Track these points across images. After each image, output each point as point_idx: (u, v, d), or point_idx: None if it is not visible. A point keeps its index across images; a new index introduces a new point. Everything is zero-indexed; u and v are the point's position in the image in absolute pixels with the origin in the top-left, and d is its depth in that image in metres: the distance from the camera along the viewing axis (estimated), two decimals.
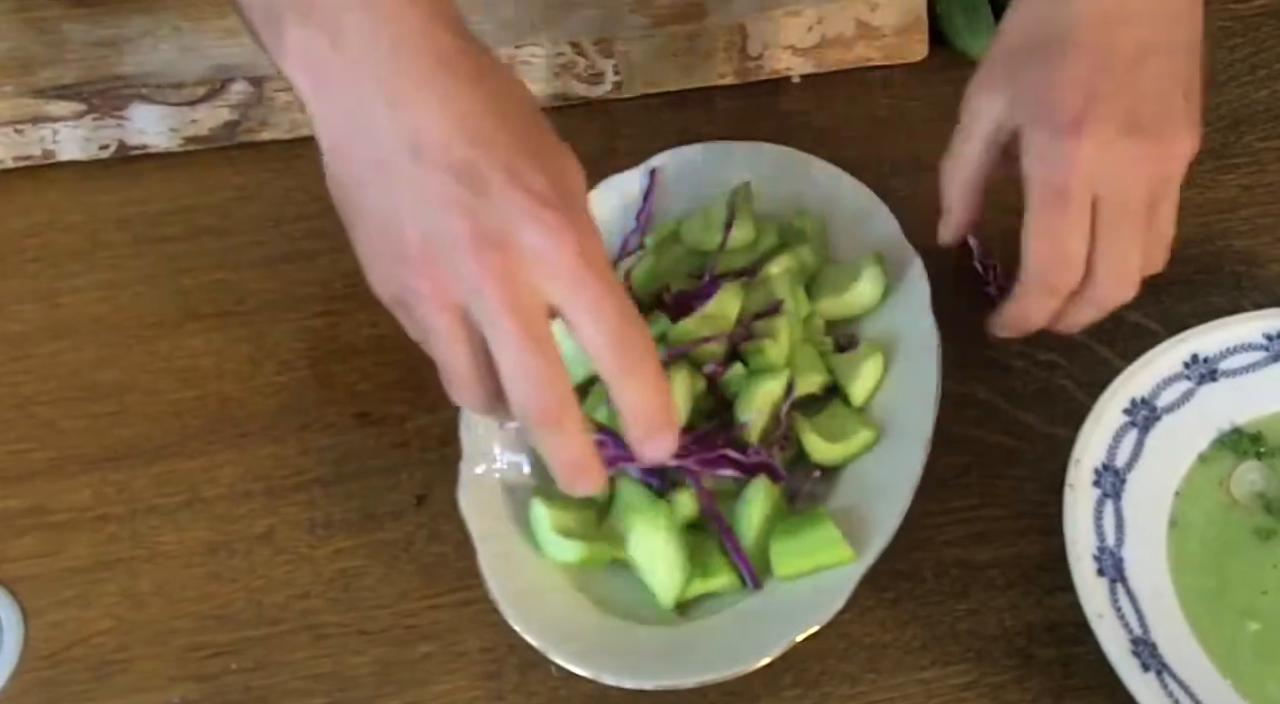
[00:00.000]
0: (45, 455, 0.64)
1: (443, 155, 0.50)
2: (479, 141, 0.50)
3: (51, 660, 0.58)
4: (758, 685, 0.58)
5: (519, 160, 0.50)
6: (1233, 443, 0.62)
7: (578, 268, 0.50)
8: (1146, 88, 0.56)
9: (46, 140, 0.72)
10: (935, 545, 0.62)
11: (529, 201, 0.50)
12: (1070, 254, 0.56)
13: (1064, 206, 0.55)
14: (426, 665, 0.58)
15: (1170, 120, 0.56)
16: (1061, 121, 0.55)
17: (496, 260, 0.49)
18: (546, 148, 0.52)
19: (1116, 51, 0.56)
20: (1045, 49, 0.57)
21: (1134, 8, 0.56)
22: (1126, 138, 0.55)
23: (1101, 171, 0.55)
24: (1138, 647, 0.55)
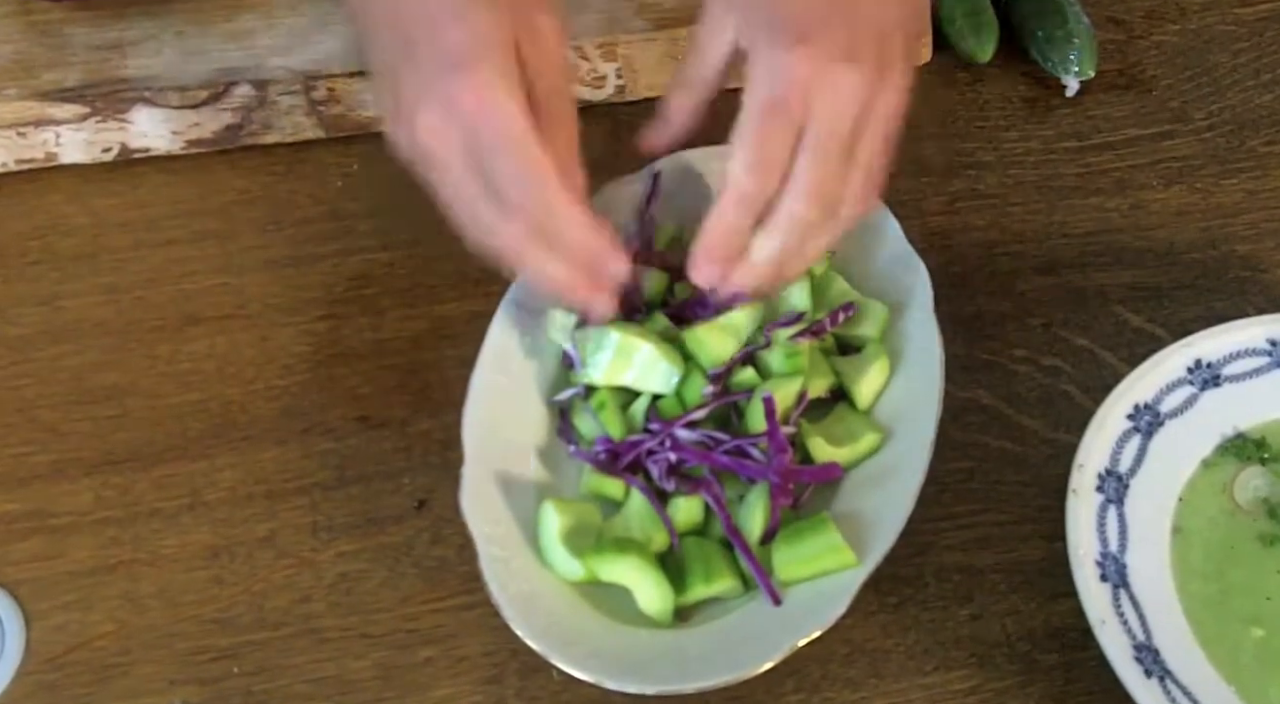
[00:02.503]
0: (46, 459, 0.64)
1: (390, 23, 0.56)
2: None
3: (53, 664, 0.58)
4: (760, 691, 0.57)
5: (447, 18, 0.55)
6: (1236, 448, 0.61)
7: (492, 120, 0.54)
8: (869, 22, 0.57)
9: (49, 143, 0.72)
10: (938, 550, 0.61)
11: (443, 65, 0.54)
12: (769, 161, 0.56)
13: (775, 117, 0.55)
14: (428, 670, 0.58)
15: (888, 57, 0.57)
16: (786, 40, 0.56)
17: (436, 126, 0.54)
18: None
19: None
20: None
21: None
22: (844, 63, 0.56)
23: (817, 92, 0.55)
24: (1140, 652, 0.55)
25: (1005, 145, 0.76)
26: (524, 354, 0.63)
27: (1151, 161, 0.75)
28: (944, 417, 0.61)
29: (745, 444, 0.59)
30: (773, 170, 0.56)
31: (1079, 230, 0.72)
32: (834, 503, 0.60)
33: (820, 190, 0.57)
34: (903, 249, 0.65)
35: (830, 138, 0.56)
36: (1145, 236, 0.72)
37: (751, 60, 0.57)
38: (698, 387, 0.60)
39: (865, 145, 0.57)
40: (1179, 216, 0.73)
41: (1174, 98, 0.78)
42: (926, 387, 0.61)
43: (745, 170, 0.56)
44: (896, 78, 0.57)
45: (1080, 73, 0.76)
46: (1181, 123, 0.77)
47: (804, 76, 0.55)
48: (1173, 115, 0.77)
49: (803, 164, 0.56)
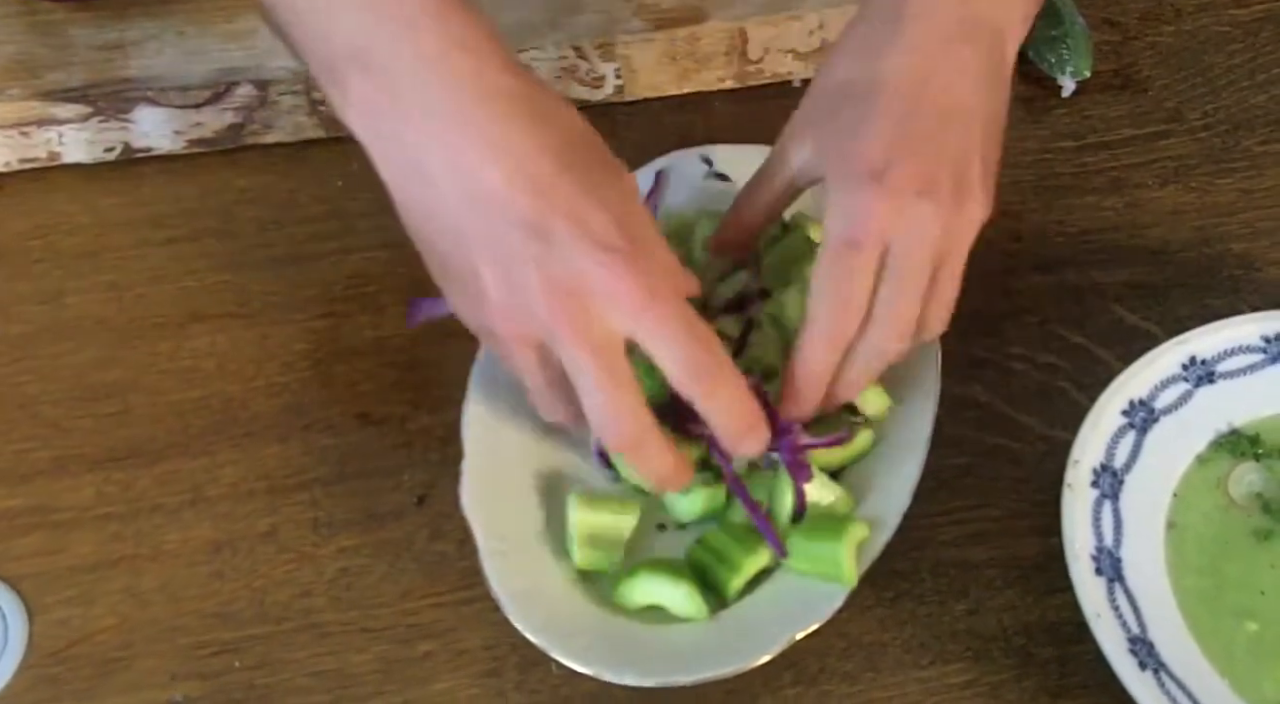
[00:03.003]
0: (49, 455, 0.64)
1: (507, 208, 0.52)
2: (540, 190, 0.52)
3: (55, 658, 0.58)
4: (757, 684, 0.58)
5: (579, 203, 0.52)
6: (1230, 444, 0.62)
7: (646, 303, 0.52)
8: (945, 152, 0.56)
9: (52, 142, 0.72)
10: (934, 545, 0.62)
11: (592, 246, 0.52)
12: (853, 300, 0.55)
13: (854, 256, 0.55)
14: (428, 663, 0.59)
15: (965, 186, 0.56)
16: (861, 175, 0.55)
17: (569, 304, 0.52)
18: (604, 179, 0.54)
19: (919, 113, 0.56)
20: (852, 104, 0.57)
21: (940, 72, 0.57)
22: (922, 198, 0.55)
23: (894, 228, 0.55)
24: (1135, 645, 0.55)
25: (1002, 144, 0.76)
26: None
27: (1147, 161, 0.76)
28: (941, 413, 0.61)
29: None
30: (854, 308, 0.56)
31: (1075, 229, 0.73)
32: None
33: (902, 322, 0.56)
34: None
35: (909, 273, 0.56)
36: (1141, 235, 0.73)
37: (828, 194, 0.57)
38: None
39: (945, 275, 0.57)
40: (1174, 215, 0.73)
41: (1169, 98, 0.78)
42: (924, 384, 0.61)
43: (828, 311, 0.56)
44: (974, 208, 0.57)
45: (1076, 73, 0.77)
46: (1177, 123, 0.77)
47: (881, 214, 0.55)
48: (1168, 115, 0.77)
49: (884, 297, 0.56)
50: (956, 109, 0.57)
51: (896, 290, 0.55)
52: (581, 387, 0.53)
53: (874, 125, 0.56)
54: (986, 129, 0.58)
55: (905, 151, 0.55)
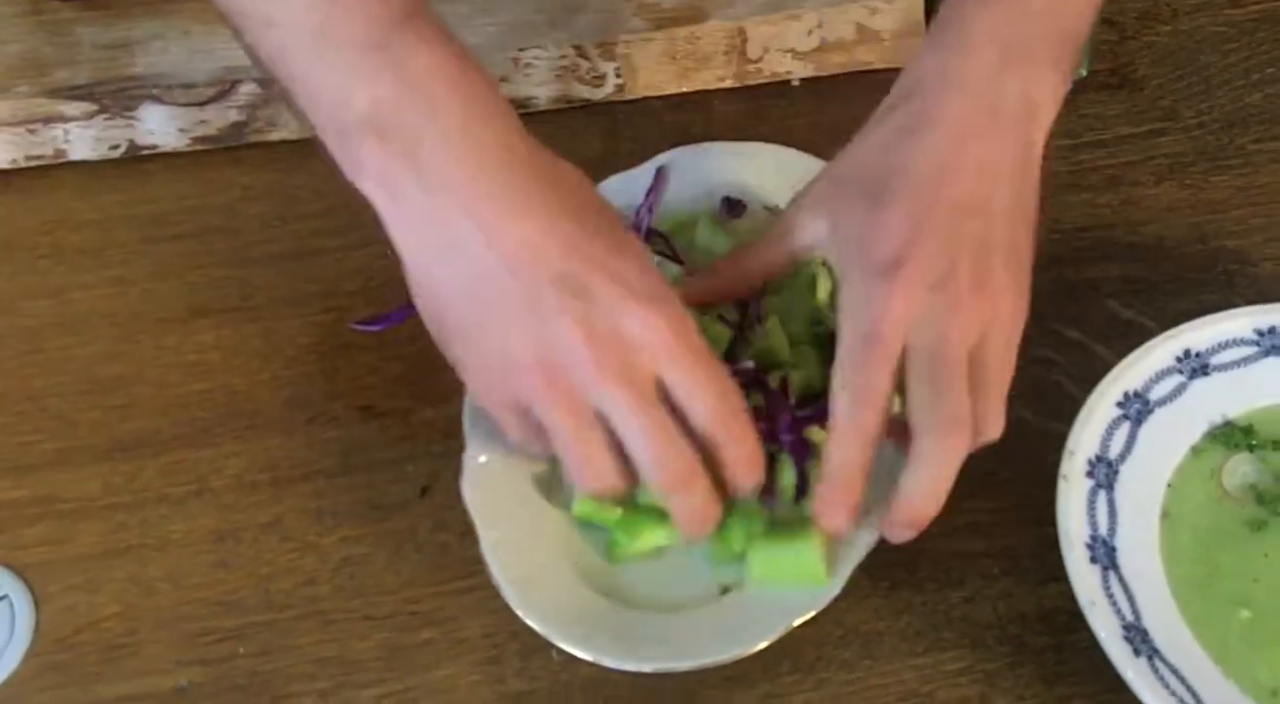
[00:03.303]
0: (55, 446, 0.65)
1: (543, 269, 0.53)
2: (573, 250, 0.53)
3: (62, 644, 0.59)
4: (756, 671, 0.58)
5: (610, 259, 0.53)
6: (1224, 436, 0.62)
7: (679, 351, 0.53)
8: (962, 245, 0.55)
9: (58, 140, 0.73)
10: (931, 536, 0.62)
11: (628, 296, 0.53)
12: (873, 391, 0.54)
13: (871, 349, 0.54)
14: (430, 651, 0.59)
15: (985, 279, 0.55)
16: (876, 268, 0.55)
17: (614, 360, 0.52)
18: (620, 235, 0.55)
19: (939, 207, 0.56)
20: (873, 191, 0.57)
21: (964, 167, 0.56)
22: (936, 293, 0.55)
23: (910, 321, 0.55)
24: (1129, 632, 0.55)
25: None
26: None
27: (1143, 158, 0.76)
28: None
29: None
30: (875, 400, 0.55)
31: (1071, 225, 0.74)
32: None
33: (951, 420, 0.55)
34: None
35: (934, 369, 0.55)
36: (1136, 231, 0.73)
37: (843, 285, 0.57)
38: None
39: (985, 371, 0.56)
40: (1169, 212, 0.74)
41: (1165, 97, 0.79)
42: None
43: (849, 404, 0.55)
44: (997, 300, 0.56)
45: (1073, 72, 0.78)
46: (1172, 121, 0.78)
47: (894, 307, 0.54)
48: (1164, 113, 0.78)
49: (919, 394, 0.55)
50: (976, 203, 0.56)
51: (935, 389, 0.54)
52: (632, 436, 0.53)
53: (892, 218, 0.55)
54: (1010, 220, 0.57)
55: (921, 245, 0.55)
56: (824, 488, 0.56)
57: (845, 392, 0.55)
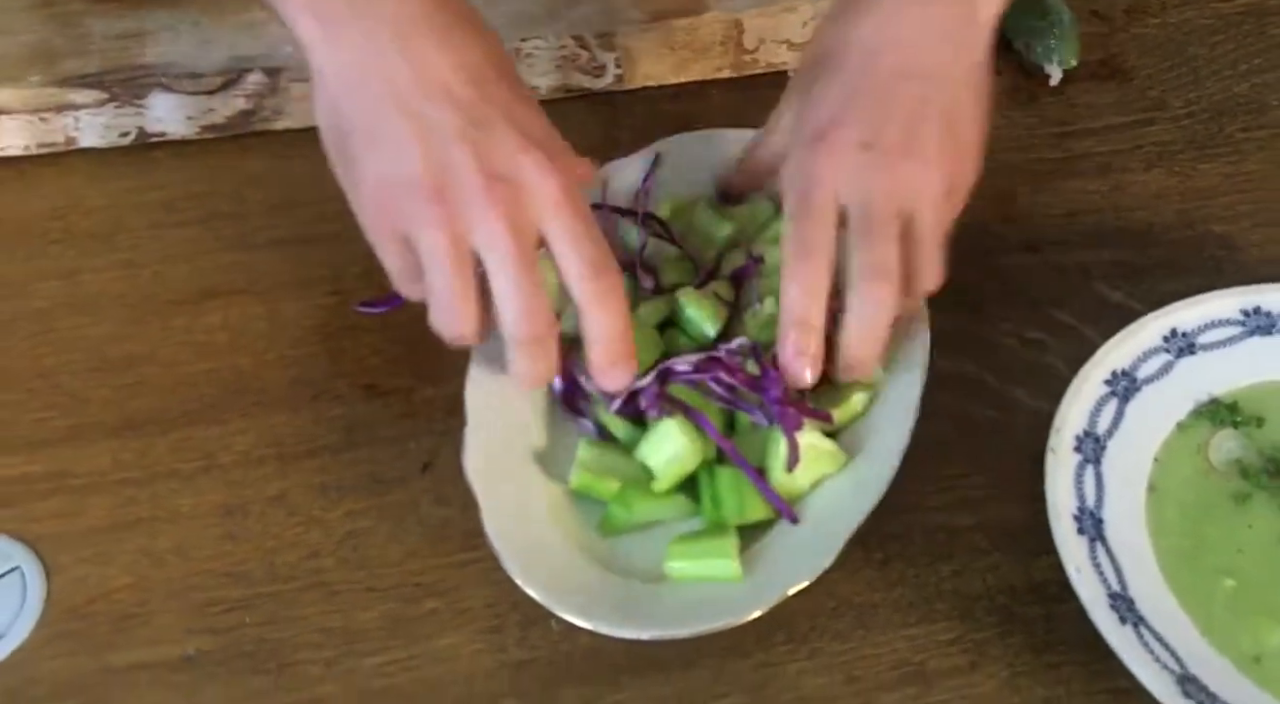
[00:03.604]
0: (67, 423, 0.66)
1: (452, 94, 0.56)
2: (482, 84, 0.56)
3: (74, 613, 0.60)
4: (750, 641, 0.60)
5: (514, 104, 0.57)
6: (1210, 412, 0.64)
7: (565, 202, 0.56)
8: (894, 109, 0.59)
9: (69, 127, 0.75)
10: (923, 510, 0.64)
11: (526, 141, 0.56)
12: (814, 244, 0.58)
13: (807, 204, 0.58)
14: (432, 620, 0.60)
15: (917, 142, 0.59)
16: (810, 136, 0.59)
17: (502, 190, 0.55)
18: (523, 88, 0.59)
19: (871, 75, 0.60)
20: (818, 69, 0.61)
21: (902, 37, 0.60)
22: (863, 153, 0.58)
23: (841, 182, 0.58)
24: (1115, 601, 0.57)
25: (991, 131, 0.78)
26: None
27: (1132, 147, 0.78)
28: (931, 385, 0.63)
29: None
30: (816, 255, 0.58)
31: (1061, 211, 0.75)
32: None
33: (875, 268, 0.58)
34: None
35: (867, 225, 0.58)
36: (1125, 217, 0.75)
37: (788, 156, 0.61)
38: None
39: (919, 228, 0.59)
40: (1158, 199, 0.76)
41: (1154, 87, 0.81)
42: (913, 355, 0.63)
43: (794, 257, 0.59)
44: (931, 163, 0.59)
45: (1063, 62, 0.79)
46: (1161, 111, 0.80)
47: (821, 168, 0.59)
48: (1152, 103, 0.80)
49: (852, 245, 0.59)
50: (913, 69, 0.60)
51: (863, 242, 0.58)
52: (499, 269, 0.56)
53: (827, 90, 0.60)
54: (950, 88, 0.60)
55: (855, 108, 0.59)
56: (783, 338, 0.59)
57: (788, 248, 0.59)
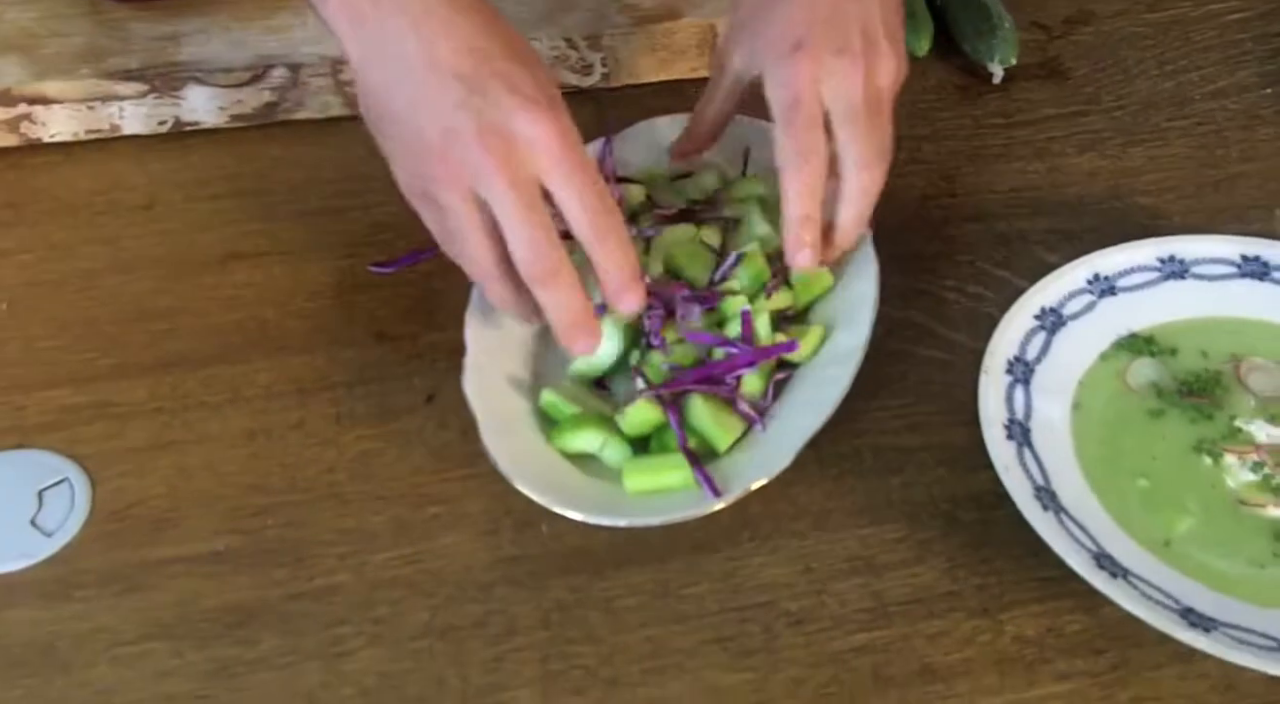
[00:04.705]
0: (109, 362, 0.74)
1: (455, 69, 0.63)
2: (484, 60, 0.64)
3: (116, 516, 0.68)
4: (719, 539, 0.67)
5: (511, 68, 0.64)
6: (1129, 344, 0.71)
7: (563, 151, 0.63)
8: (850, 21, 0.69)
9: (114, 116, 0.83)
10: (874, 434, 0.71)
11: (520, 99, 0.63)
12: (811, 147, 0.67)
13: (799, 110, 0.67)
14: (434, 523, 0.68)
15: (873, 43, 0.69)
16: (786, 50, 0.68)
17: (497, 145, 0.62)
18: (530, 59, 0.66)
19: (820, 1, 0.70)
20: (768, 7, 0.70)
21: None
22: (838, 57, 0.68)
23: (824, 82, 0.68)
24: (1039, 493, 0.64)
25: (940, 123, 0.87)
26: None
27: (1067, 134, 0.86)
28: (882, 331, 0.71)
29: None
30: (815, 155, 0.68)
31: (1004, 188, 0.83)
32: (791, 387, 0.70)
33: (866, 155, 0.69)
34: None
35: (850, 112, 0.68)
36: (1061, 193, 0.83)
37: (766, 75, 0.70)
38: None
39: (881, 108, 0.69)
40: (1090, 177, 0.84)
41: (1088, 85, 0.89)
42: (864, 293, 0.71)
43: (793, 162, 0.68)
44: (885, 59, 0.69)
45: (1004, 60, 0.88)
46: (1094, 104, 0.88)
47: (808, 72, 0.68)
48: (1087, 98, 0.88)
49: (842, 139, 0.68)
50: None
51: (847, 130, 0.68)
52: (505, 221, 0.63)
53: (788, 11, 0.69)
54: (882, 5, 0.70)
55: (818, 25, 0.68)
56: (788, 234, 0.68)
57: (786, 151, 0.67)
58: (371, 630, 0.64)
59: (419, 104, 0.64)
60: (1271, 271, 0.72)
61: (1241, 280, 0.72)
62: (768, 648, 0.63)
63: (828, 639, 0.63)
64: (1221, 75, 0.90)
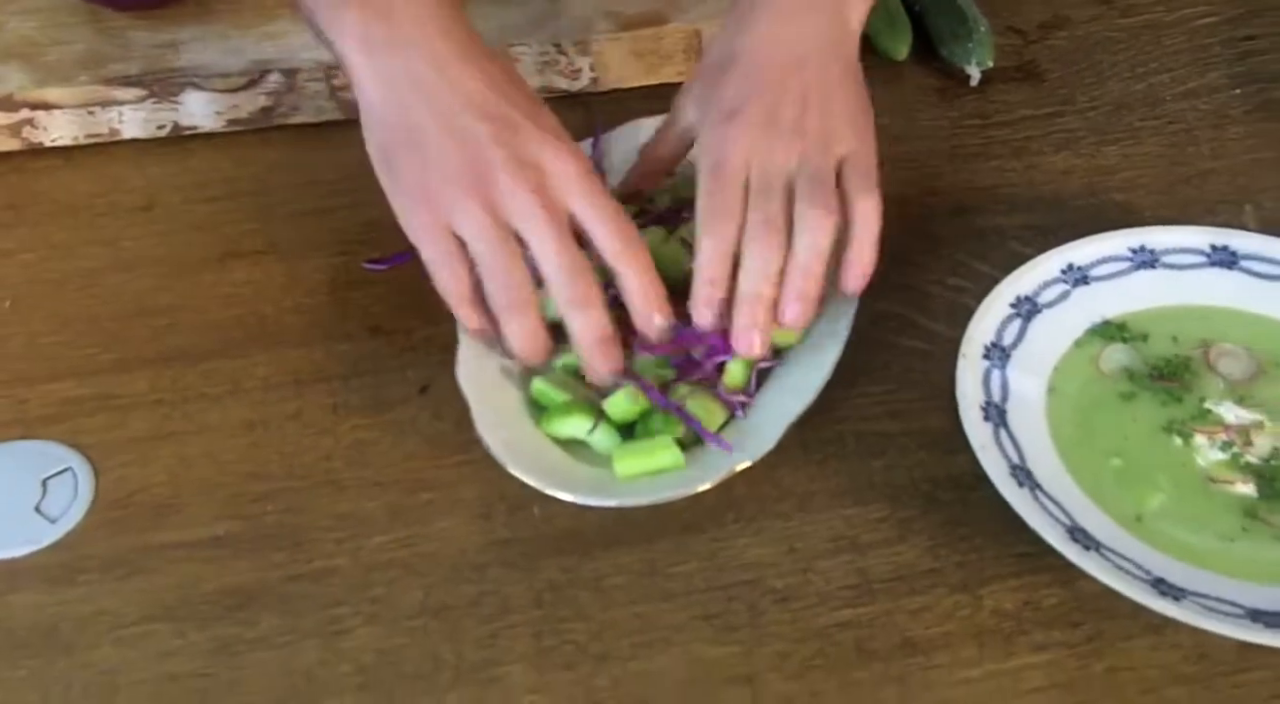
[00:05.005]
0: (111, 357, 0.76)
1: (485, 108, 0.68)
2: (508, 101, 0.69)
3: (118, 504, 0.69)
4: (705, 521, 0.69)
5: (534, 110, 0.69)
6: (1102, 331, 0.74)
7: (588, 183, 0.68)
8: (786, 96, 0.71)
9: (113, 120, 0.85)
10: (856, 420, 0.73)
11: (547, 137, 0.68)
12: (725, 208, 0.69)
13: (720, 174, 0.70)
14: (429, 509, 0.69)
15: (803, 123, 0.71)
16: (719, 116, 0.71)
17: (531, 176, 0.67)
18: (538, 100, 0.71)
19: (765, 69, 0.72)
20: (720, 68, 0.73)
21: (783, 39, 0.73)
22: (766, 129, 0.70)
23: (748, 152, 0.70)
24: (1015, 471, 0.66)
25: (920, 124, 0.90)
26: None
27: (1043, 134, 0.89)
28: (865, 322, 0.73)
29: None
30: (728, 216, 0.70)
31: (981, 185, 0.85)
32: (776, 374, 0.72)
33: (771, 223, 0.69)
34: None
35: (765, 183, 0.70)
36: (1037, 190, 0.85)
37: (699, 139, 0.73)
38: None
39: (803, 185, 0.70)
40: (1065, 175, 0.86)
41: (1063, 87, 0.92)
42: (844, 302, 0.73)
43: (706, 221, 0.70)
44: (816, 140, 0.71)
45: (981, 63, 0.91)
46: (1069, 105, 0.91)
47: (733, 141, 0.70)
48: (1062, 100, 0.91)
49: (752, 204, 0.70)
50: (796, 65, 0.72)
51: (759, 198, 0.69)
52: (541, 244, 0.67)
53: (730, 81, 0.72)
54: (825, 76, 0.72)
55: (753, 96, 0.71)
56: (695, 292, 0.69)
57: (704, 212, 0.69)
58: (368, 610, 0.66)
59: (446, 138, 0.67)
60: (1240, 261, 0.75)
61: (1210, 269, 0.75)
62: (753, 623, 0.65)
63: (812, 615, 0.65)
64: (1192, 77, 0.92)
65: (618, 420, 0.70)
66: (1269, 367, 0.72)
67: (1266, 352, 0.72)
